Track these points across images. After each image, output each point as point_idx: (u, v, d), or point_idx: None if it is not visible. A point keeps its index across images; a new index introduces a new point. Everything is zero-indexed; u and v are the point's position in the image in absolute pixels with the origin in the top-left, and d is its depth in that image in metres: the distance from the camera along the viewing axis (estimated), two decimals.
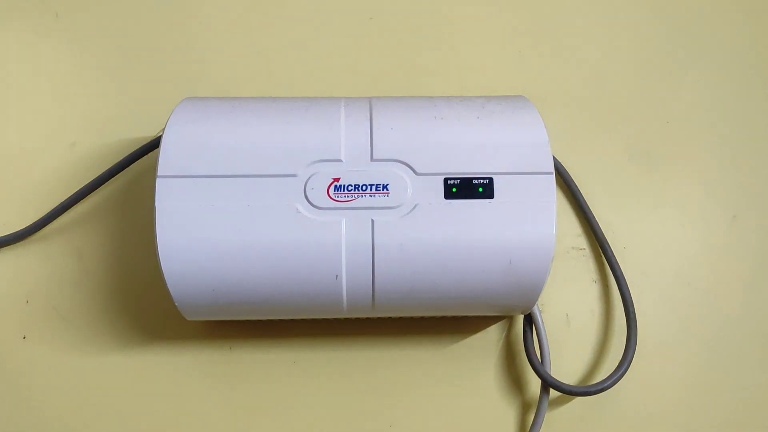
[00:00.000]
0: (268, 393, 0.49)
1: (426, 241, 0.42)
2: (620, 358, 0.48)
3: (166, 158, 0.42)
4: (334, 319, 0.49)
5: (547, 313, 0.51)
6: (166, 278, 0.41)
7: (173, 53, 0.56)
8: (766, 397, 0.50)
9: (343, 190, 0.42)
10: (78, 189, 0.50)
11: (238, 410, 0.49)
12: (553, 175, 0.43)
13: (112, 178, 0.51)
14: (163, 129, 0.43)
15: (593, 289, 0.52)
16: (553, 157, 0.53)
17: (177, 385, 0.49)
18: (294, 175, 0.42)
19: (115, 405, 0.49)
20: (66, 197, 0.50)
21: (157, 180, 0.42)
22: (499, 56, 0.57)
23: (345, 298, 0.43)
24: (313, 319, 0.50)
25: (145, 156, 0.50)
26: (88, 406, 0.49)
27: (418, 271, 0.42)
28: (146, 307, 0.50)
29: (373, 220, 0.42)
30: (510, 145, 0.43)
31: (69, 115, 0.54)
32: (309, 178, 0.42)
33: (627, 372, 0.47)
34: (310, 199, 0.42)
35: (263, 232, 0.41)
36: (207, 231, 0.41)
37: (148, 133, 0.54)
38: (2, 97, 0.54)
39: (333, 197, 0.42)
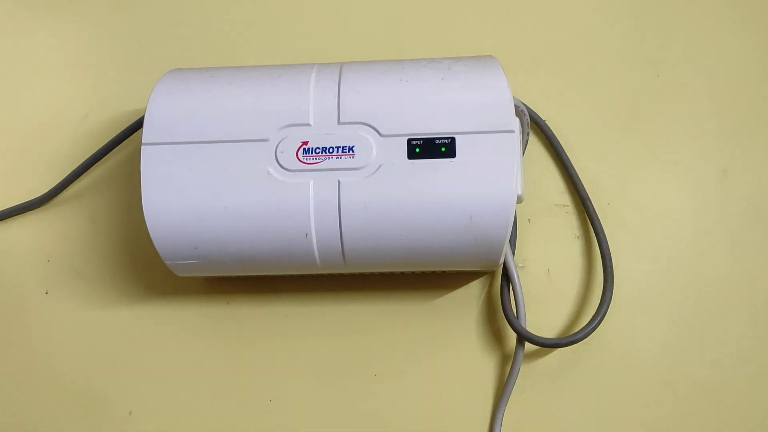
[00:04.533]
0: (261, 344, 0.53)
1: (390, 201, 0.44)
2: None
3: (150, 127, 0.46)
4: (322, 275, 0.52)
5: (528, 268, 0.52)
6: (152, 238, 0.45)
7: (180, 28, 0.59)
8: (747, 352, 0.50)
9: (311, 153, 0.44)
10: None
11: (234, 360, 0.53)
12: (515, 133, 0.44)
13: (121, 147, 0.55)
14: None
15: (576, 245, 0.53)
16: (536, 113, 0.54)
17: (178, 336, 0.53)
18: (266, 140, 0.45)
19: (124, 354, 0.53)
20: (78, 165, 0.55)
21: (142, 147, 0.45)
22: (482, 14, 0.57)
23: (317, 254, 0.45)
24: (302, 276, 0.53)
25: None
26: (101, 355, 0.54)
27: (383, 229, 0.44)
28: (151, 265, 0.55)
29: (339, 181, 0.44)
30: (473, 105, 0.44)
31: (81, 88, 0.58)
32: (279, 142, 0.45)
33: (602, 325, 0.48)
34: (281, 162, 0.44)
35: (238, 194, 0.44)
36: (187, 194, 0.45)
37: None
38: (20, 73, 0.59)
39: (302, 160, 0.44)
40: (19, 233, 0.56)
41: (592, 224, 0.51)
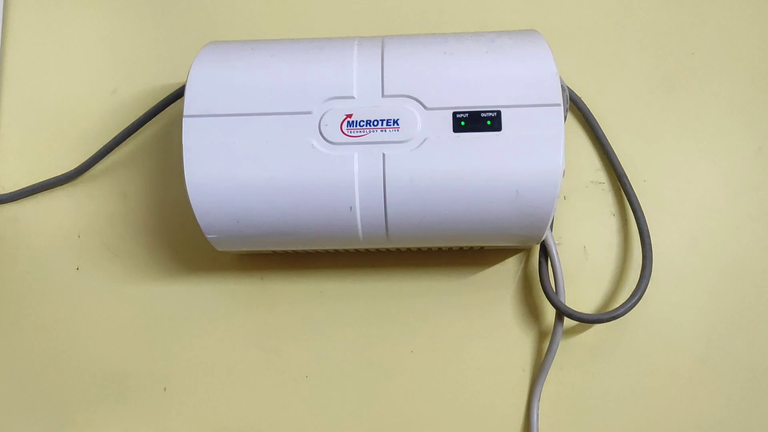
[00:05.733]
0: (297, 321, 0.53)
1: (435, 174, 0.43)
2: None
3: (191, 99, 0.45)
4: (358, 251, 0.52)
5: (565, 245, 0.52)
6: (194, 211, 0.45)
7: (206, 2, 0.59)
8: None
9: (356, 126, 0.44)
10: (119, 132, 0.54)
11: (269, 336, 0.53)
12: (561, 107, 0.43)
13: (152, 122, 0.54)
14: None
15: (611, 223, 0.53)
16: (572, 91, 0.54)
17: (212, 312, 0.53)
18: (309, 112, 0.44)
19: (157, 330, 0.53)
20: (109, 140, 0.54)
21: (184, 119, 0.45)
22: None
23: (360, 228, 0.45)
24: (338, 252, 0.53)
25: (179, 100, 0.53)
26: (133, 332, 0.53)
27: (427, 203, 0.44)
28: (184, 241, 0.54)
29: (384, 154, 0.44)
30: (518, 79, 0.44)
31: (110, 64, 0.58)
32: (323, 114, 0.44)
33: (641, 301, 0.48)
34: (325, 135, 0.44)
35: (281, 167, 0.44)
36: (230, 166, 0.44)
37: (183, 79, 0.57)
38: (50, 49, 0.58)
39: (346, 132, 0.44)
40: (49, 208, 0.55)
41: (630, 201, 0.51)
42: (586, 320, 0.48)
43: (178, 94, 0.53)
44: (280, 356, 0.52)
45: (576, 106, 0.54)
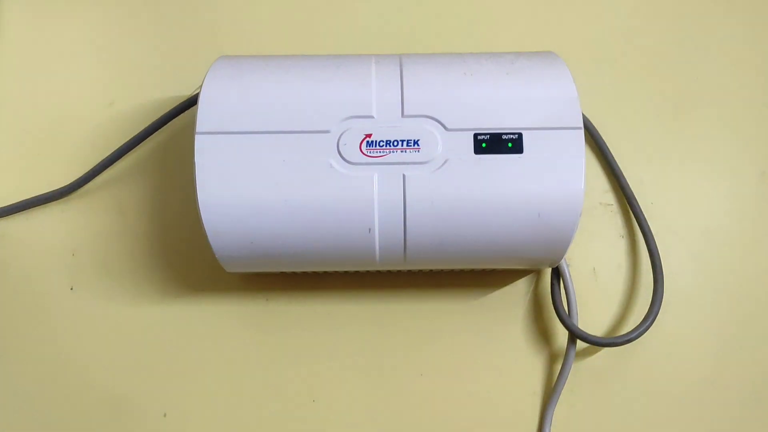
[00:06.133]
0: (303, 343, 0.51)
1: (456, 196, 0.43)
2: (645, 311, 0.49)
3: (204, 115, 0.43)
4: (366, 272, 0.51)
5: (574, 267, 0.52)
6: (206, 231, 0.43)
7: (206, 13, 0.57)
8: None
9: (375, 146, 0.43)
10: (118, 146, 0.52)
11: (274, 359, 0.51)
12: (582, 131, 0.43)
13: (150, 136, 0.52)
14: (200, 87, 0.44)
15: (620, 244, 0.53)
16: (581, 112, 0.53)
17: (214, 334, 0.51)
18: (327, 131, 0.43)
19: (156, 353, 0.51)
20: (105, 154, 0.52)
21: (196, 136, 0.43)
22: (527, 12, 0.57)
23: (377, 250, 0.44)
24: (345, 273, 0.52)
25: (181, 114, 0.51)
26: (131, 354, 0.51)
27: (448, 225, 0.43)
28: (185, 259, 0.52)
29: (404, 175, 0.43)
30: (539, 101, 0.44)
31: (107, 75, 0.56)
32: (342, 134, 0.43)
33: (653, 325, 0.48)
34: (343, 155, 0.43)
35: (298, 187, 0.43)
36: (245, 186, 0.43)
37: (181, 92, 0.55)
38: (44, 59, 0.56)
39: (365, 153, 0.43)
40: (42, 225, 0.53)
41: (639, 224, 0.51)
42: (601, 343, 0.48)
43: (183, 107, 0.51)
44: (286, 380, 0.51)
45: (585, 127, 0.54)
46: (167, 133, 0.54)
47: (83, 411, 0.50)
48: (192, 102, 0.51)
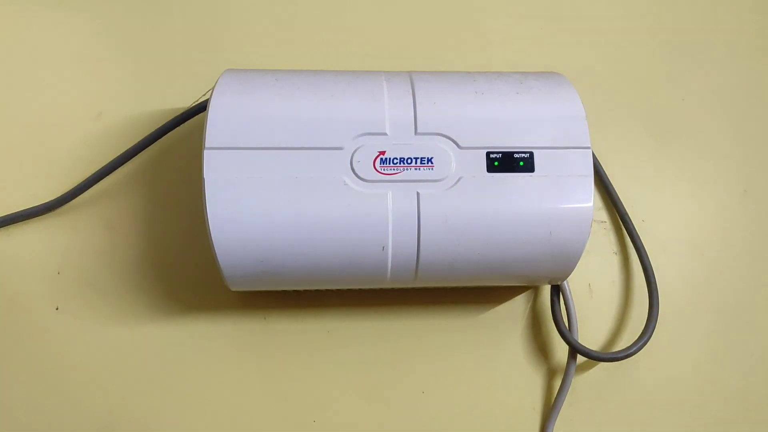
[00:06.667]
0: (303, 362, 0.50)
1: (470, 213, 0.43)
2: (641, 326, 0.50)
3: (213, 130, 0.42)
4: (367, 290, 0.50)
5: (570, 283, 0.53)
6: (215, 249, 0.42)
7: (198, 24, 0.56)
8: None
9: (389, 163, 0.43)
10: (105, 160, 0.50)
11: (273, 379, 0.50)
12: (590, 150, 0.44)
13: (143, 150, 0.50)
14: (198, 101, 0.43)
15: (614, 261, 0.54)
16: None
17: (210, 355, 0.50)
18: (340, 148, 0.43)
19: (147, 375, 0.49)
20: (92, 167, 0.50)
21: (205, 152, 0.42)
22: (522, 34, 0.58)
23: (389, 268, 0.44)
24: (345, 290, 0.51)
25: (178, 128, 0.50)
26: (120, 376, 0.49)
27: (461, 243, 0.43)
28: (177, 277, 0.51)
29: (418, 193, 0.43)
30: (549, 120, 0.44)
31: (95, 85, 0.53)
32: (355, 151, 0.43)
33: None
34: (357, 172, 0.42)
35: (311, 204, 0.42)
36: (255, 203, 0.42)
37: (172, 105, 0.53)
38: (28, 69, 0.53)
39: (379, 170, 0.43)
40: (25, 242, 0.50)
41: (633, 241, 0.53)
42: (602, 359, 0.49)
43: (180, 120, 0.49)
44: (285, 400, 0.50)
45: None
46: (157, 147, 0.52)
47: None
48: (188, 116, 0.49)
